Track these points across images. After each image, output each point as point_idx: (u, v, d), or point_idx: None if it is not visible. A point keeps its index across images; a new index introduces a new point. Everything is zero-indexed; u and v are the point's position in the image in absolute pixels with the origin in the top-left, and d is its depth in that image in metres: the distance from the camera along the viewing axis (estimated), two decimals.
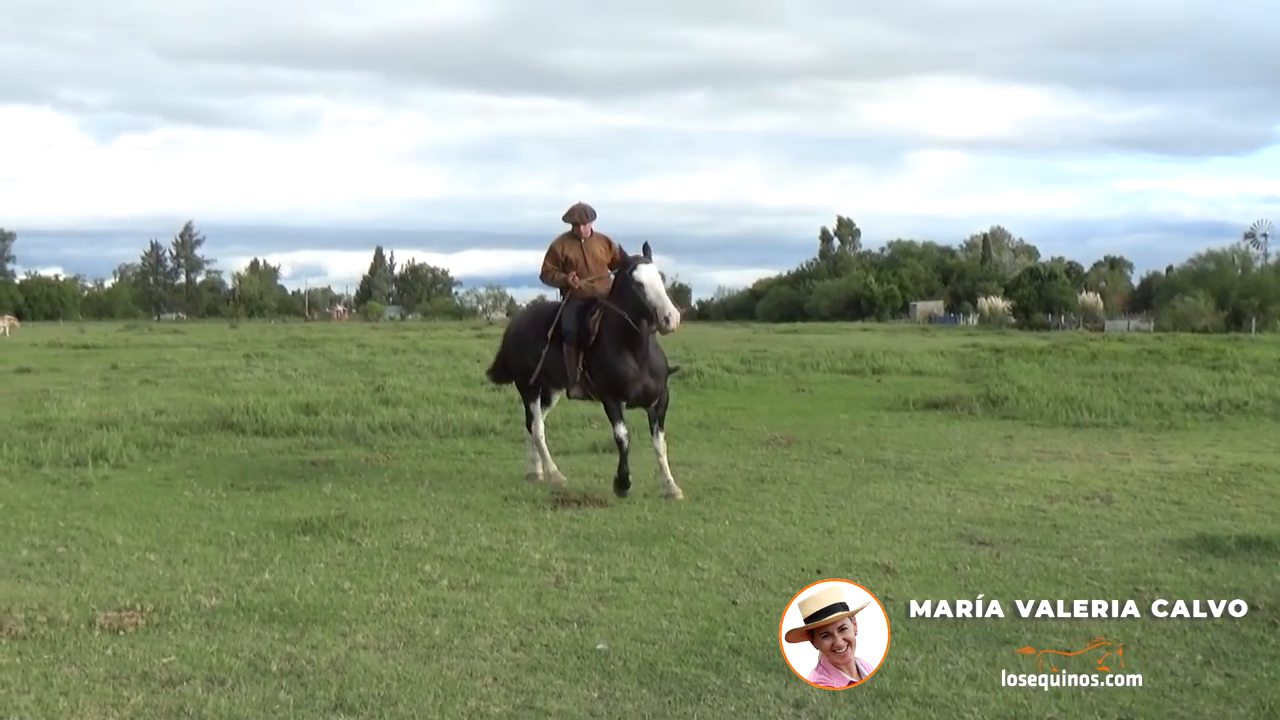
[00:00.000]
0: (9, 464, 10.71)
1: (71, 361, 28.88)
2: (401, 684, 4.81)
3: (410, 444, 12.33)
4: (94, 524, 8.09)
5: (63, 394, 18.09)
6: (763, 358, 25.98)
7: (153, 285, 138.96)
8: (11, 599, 6.08)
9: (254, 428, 13.20)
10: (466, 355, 27.84)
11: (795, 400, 18.51)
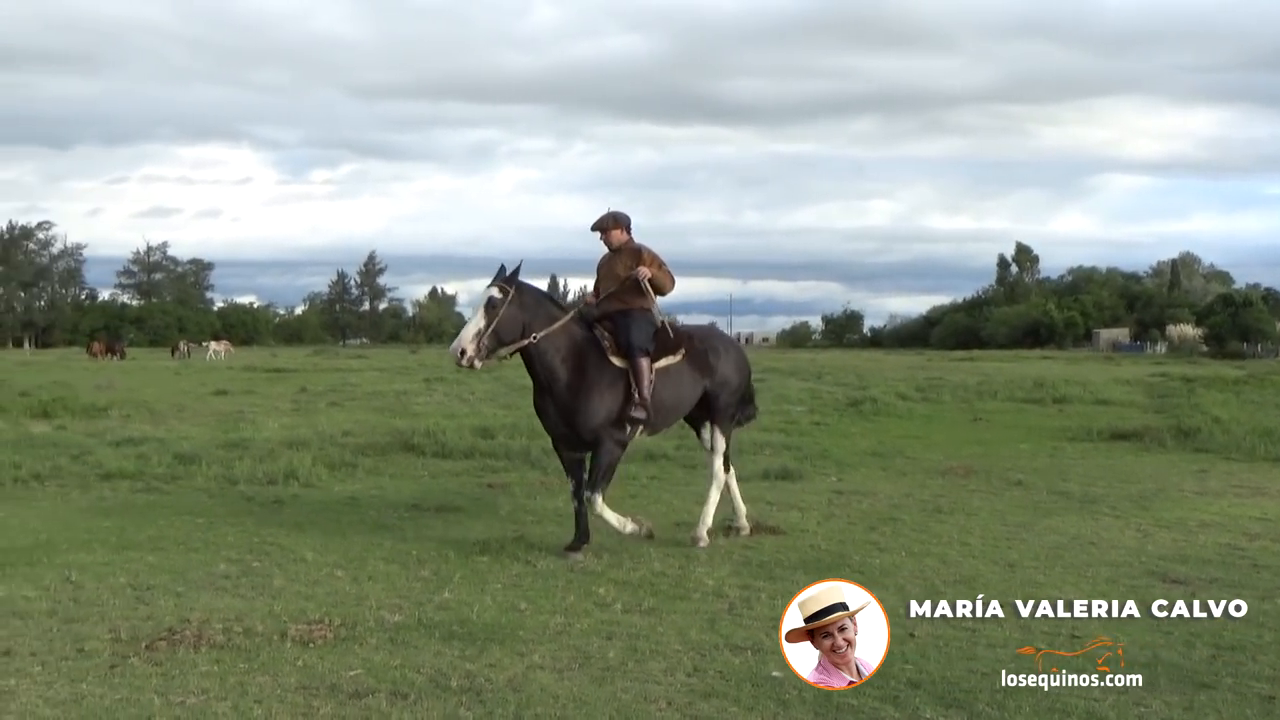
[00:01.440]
0: (208, 481, 11.28)
1: (265, 384, 30.28)
2: (577, 705, 4.86)
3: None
4: (285, 540, 8.43)
5: (256, 415, 18.98)
6: (938, 385, 25.47)
7: (339, 312, 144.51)
8: (210, 610, 6.38)
9: (434, 450, 13.56)
10: None
11: (972, 429, 18.06)
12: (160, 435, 15.12)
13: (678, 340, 8.67)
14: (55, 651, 5.64)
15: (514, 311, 8.05)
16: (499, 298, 8.02)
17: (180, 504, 10.10)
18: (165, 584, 7.05)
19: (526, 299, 8.18)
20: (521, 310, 8.09)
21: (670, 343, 8.59)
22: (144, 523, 9.11)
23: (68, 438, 15.10)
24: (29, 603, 6.59)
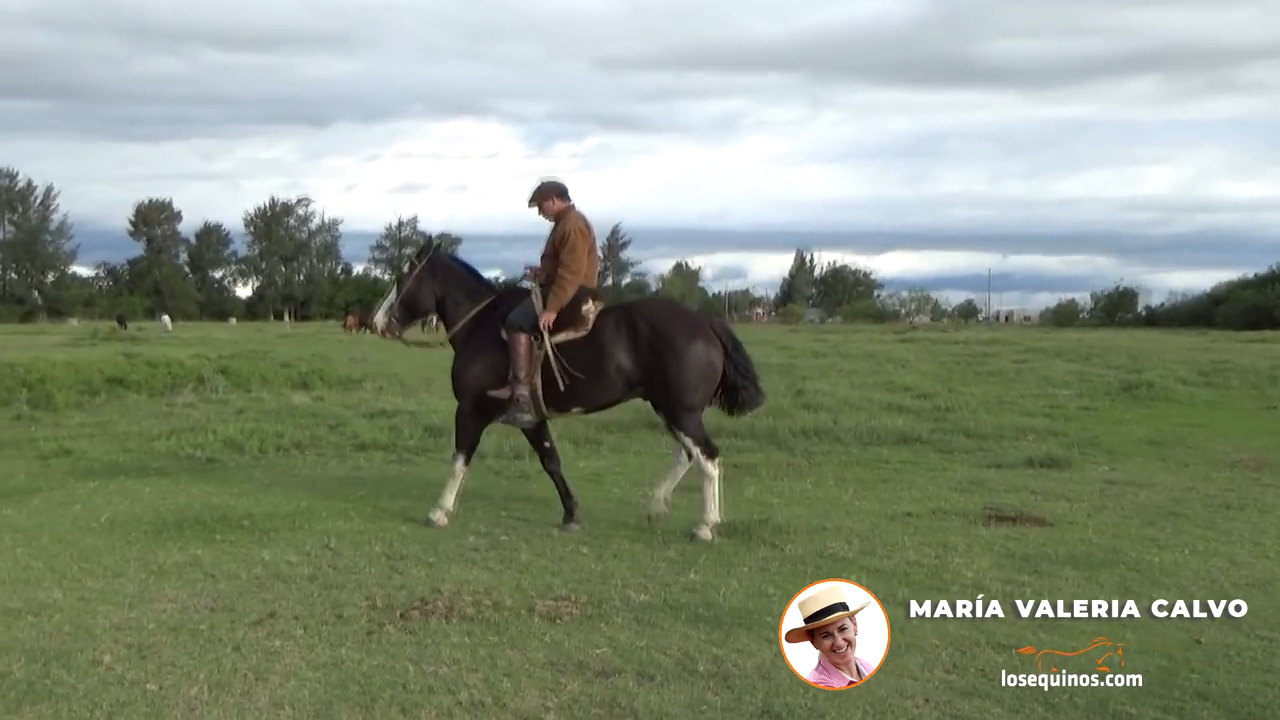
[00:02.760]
0: None
1: None
2: (829, 697, 4.81)
3: (832, 450, 12.37)
4: (532, 515, 8.70)
5: None
6: (1224, 369, 23.97)
7: None
8: (460, 582, 6.65)
9: None
10: (890, 360, 27.62)
11: (1265, 418, 16.90)
12: (411, 408, 15.86)
13: (577, 315, 8.42)
14: (316, 616, 6.00)
15: (424, 284, 8.89)
16: (406, 272, 9.06)
17: (430, 476, 10.56)
18: (417, 554, 7.39)
19: (438, 273, 8.91)
20: (433, 283, 8.88)
21: (571, 319, 8.42)
22: (397, 493, 9.59)
23: (325, 408, 16.05)
24: (291, 567, 7.04)
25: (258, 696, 4.82)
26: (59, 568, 7.04)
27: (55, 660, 5.26)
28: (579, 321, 8.43)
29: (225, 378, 20.37)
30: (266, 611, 6.07)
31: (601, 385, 8.43)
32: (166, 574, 6.89)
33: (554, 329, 8.38)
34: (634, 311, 8.56)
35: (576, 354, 8.36)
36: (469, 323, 8.77)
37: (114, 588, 6.58)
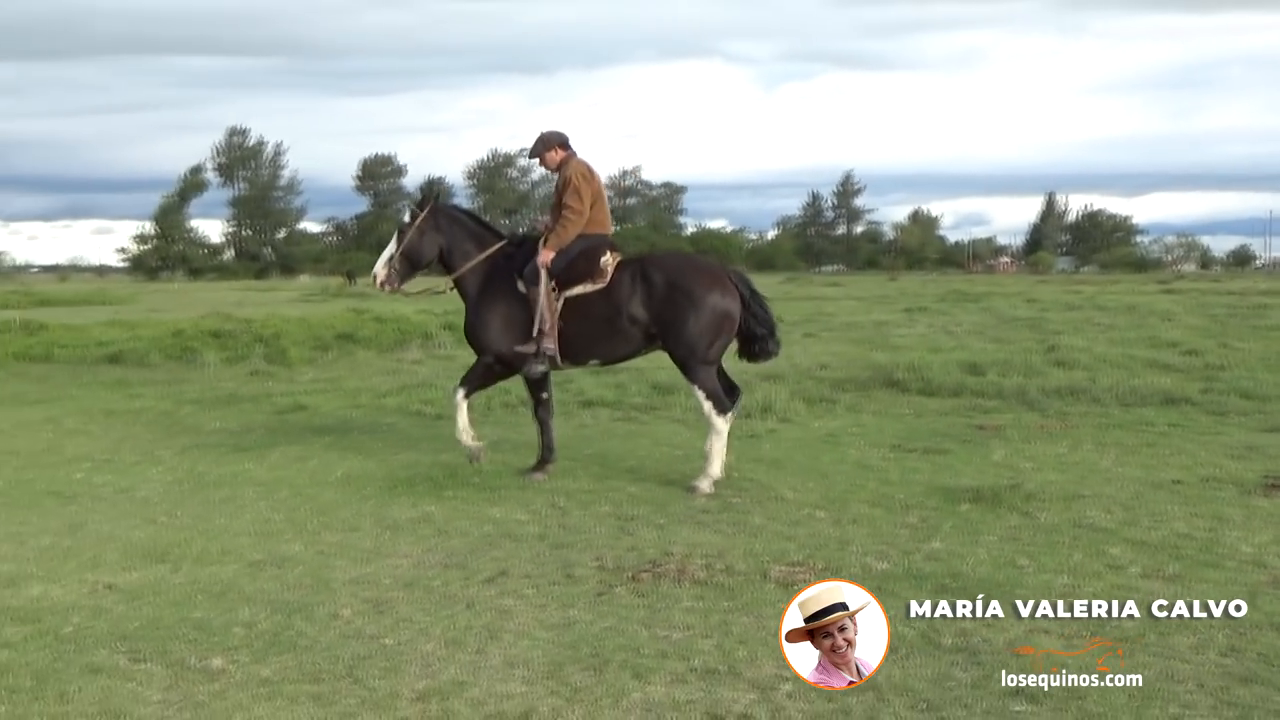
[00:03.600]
0: (684, 413, 11.88)
1: None
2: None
3: (1089, 411, 11.92)
4: (764, 477, 8.71)
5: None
6: None
7: (812, 237, 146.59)
8: (691, 544, 6.74)
9: (918, 386, 13.47)
10: (1153, 313, 26.40)
11: None
12: (637, 364, 16.06)
13: (594, 267, 8.66)
14: (546, 575, 6.18)
15: (426, 235, 9.04)
16: (407, 222, 9.12)
17: (658, 434, 10.72)
18: (646, 515, 7.52)
19: (441, 222, 9.09)
20: (436, 233, 9.05)
21: (588, 271, 8.65)
22: (624, 452, 9.76)
23: None
24: (520, 526, 7.27)
25: (491, 655, 5.00)
26: (298, 521, 7.47)
27: (297, 612, 5.59)
28: (597, 274, 8.67)
29: (450, 333, 21.08)
30: (498, 570, 6.29)
31: (618, 338, 8.70)
32: (400, 530, 7.22)
33: (571, 282, 8.66)
34: (648, 264, 8.75)
35: (593, 306, 8.63)
36: (481, 271, 9.01)
37: (350, 542, 6.94)
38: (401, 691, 4.62)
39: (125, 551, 6.75)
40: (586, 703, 4.52)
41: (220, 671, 4.85)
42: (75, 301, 41.57)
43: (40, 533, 7.24)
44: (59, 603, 5.80)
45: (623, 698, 4.56)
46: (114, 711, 4.46)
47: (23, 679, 4.79)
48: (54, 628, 5.40)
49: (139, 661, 4.98)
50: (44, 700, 4.58)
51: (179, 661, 4.96)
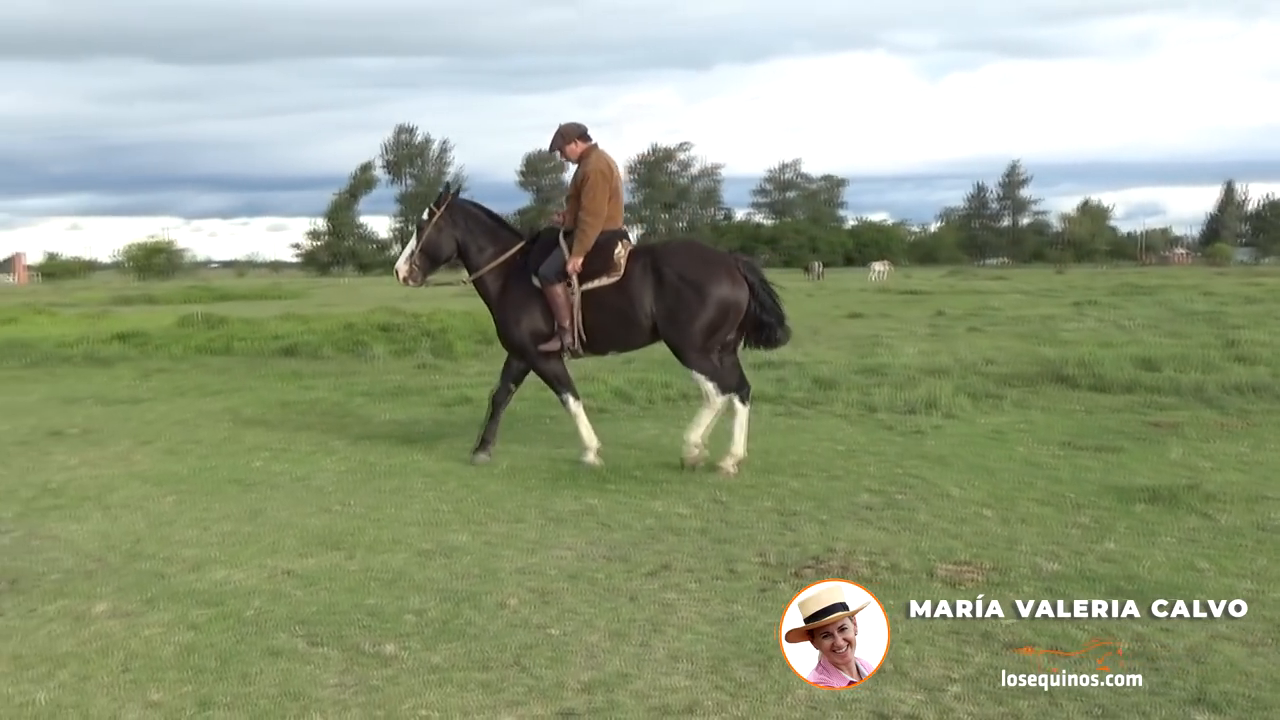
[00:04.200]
0: (847, 408, 11.76)
1: (899, 307, 31.01)
2: (1274, 686, 4.48)
3: (1273, 409, 11.41)
4: (928, 473, 8.57)
5: (893, 340, 19.46)
6: None
7: (976, 229, 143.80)
8: (854, 541, 6.67)
9: (1088, 382, 13.09)
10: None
11: None
12: (798, 359, 15.97)
13: (609, 261, 8.87)
14: (708, 569, 6.19)
15: (445, 232, 9.28)
16: (425, 219, 9.34)
17: (820, 429, 10.63)
18: (809, 511, 7.47)
19: (458, 219, 9.31)
20: (454, 230, 9.28)
21: (603, 265, 8.86)
22: (786, 447, 9.70)
23: None
24: (682, 520, 7.29)
25: (655, 648, 5.03)
26: (465, 512, 7.62)
27: (465, 601, 5.71)
28: (612, 267, 8.88)
29: None
30: (660, 563, 6.32)
31: (634, 328, 8.96)
32: (563, 522, 7.32)
33: (587, 276, 8.87)
34: (659, 257, 8.94)
35: (609, 299, 8.88)
36: (501, 271, 9.25)
37: (515, 533, 7.05)
38: (567, 682, 4.67)
39: (302, 538, 6.98)
40: (751, 698, 4.51)
41: (393, 657, 4.98)
42: (251, 296, 43.21)
43: (222, 519, 7.53)
44: (241, 587, 6.03)
45: (787, 694, 4.54)
46: (293, 693, 4.62)
47: (208, 659, 4.99)
48: (236, 611, 5.61)
49: (316, 645, 5.14)
50: (228, 681, 4.76)
51: (354, 646, 5.11)
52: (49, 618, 5.58)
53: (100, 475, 8.98)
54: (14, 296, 53.47)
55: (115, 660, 4.99)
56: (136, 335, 21.36)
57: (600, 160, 9.00)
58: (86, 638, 5.29)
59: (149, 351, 19.75)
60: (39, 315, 30.60)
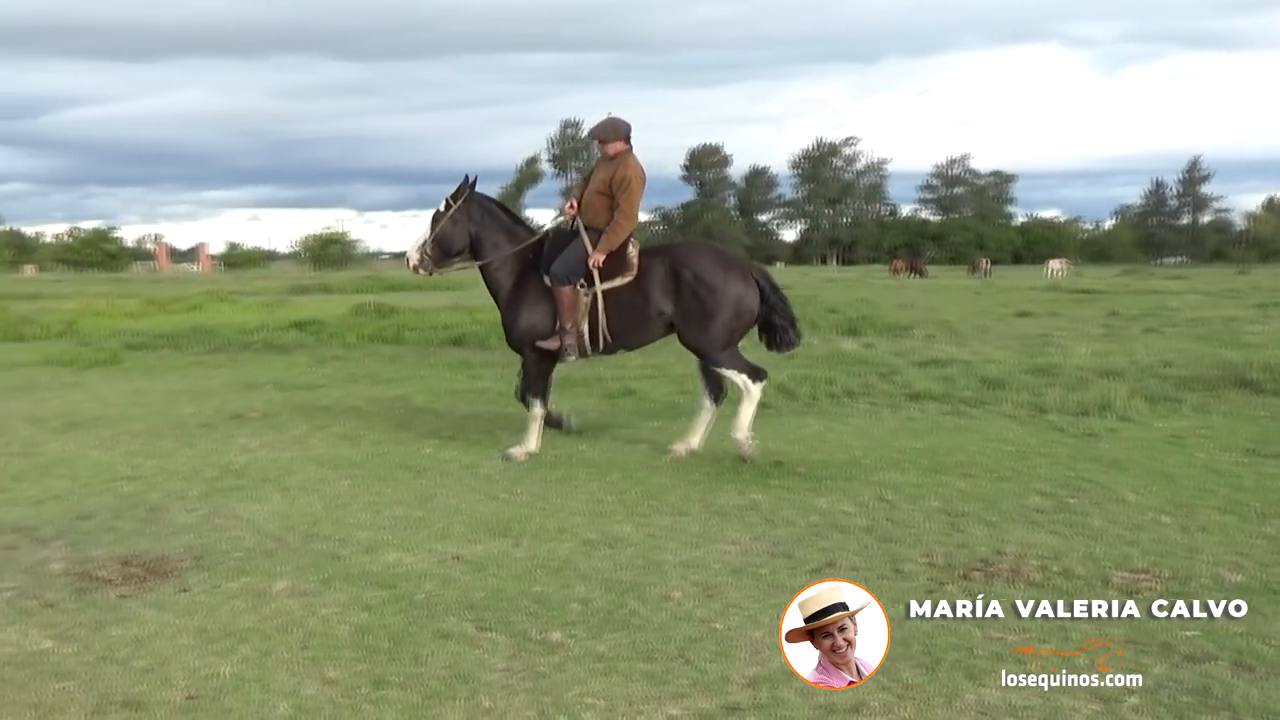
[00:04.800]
0: (1016, 408, 11.48)
1: (1070, 306, 30.14)
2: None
3: None
4: (1102, 477, 8.31)
5: (1064, 340, 18.92)
6: None
7: (1153, 226, 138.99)
8: (1025, 545, 6.51)
9: (1274, 387, 12.50)
10: None
11: None
12: (965, 357, 15.67)
13: (627, 260, 9.03)
14: (873, 569, 6.11)
15: (460, 225, 9.26)
16: (442, 210, 9.29)
17: (988, 429, 10.40)
18: (977, 512, 7.32)
19: (474, 212, 9.28)
20: (469, 223, 9.26)
21: (621, 265, 9.01)
22: (953, 447, 9.52)
23: (875, 355, 16.22)
24: (847, 517, 7.22)
25: None
26: (629, 503, 7.68)
27: (630, 592, 5.75)
28: (627, 268, 9.04)
29: None
30: (824, 560, 6.27)
31: (645, 328, 9.17)
32: (727, 516, 7.31)
33: (605, 276, 9.00)
34: (674, 258, 9.11)
35: (624, 299, 9.03)
36: (514, 267, 9.30)
37: (679, 525, 7.08)
38: (732, 676, 4.67)
39: (471, 524, 7.13)
40: (918, 700, 4.45)
41: (559, 645, 5.05)
42: (421, 287, 44.15)
43: (394, 503, 7.73)
44: (412, 570, 6.18)
45: (956, 698, 4.46)
46: (463, 676, 4.71)
47: (381, 640, 5.13)
48: (408, 593, 5.76)
49: (485, 630, 5.24)
50: (400, 662, 4.89)
51: (521, 633, 5.19)
52: (232, 594, 5.80)
53: (279, 458, 9.30)
54: (198, 285, 55.77)
55: (294, 637, 5.17)
56: (312, 323, 22.07)
57: (639, 166, 9.15)
58: (267, 614, 5.49)
59: (324, 339, 20.38)
60: (221, 303, 31.87)
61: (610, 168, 9.10)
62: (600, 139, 9.18)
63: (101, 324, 23.82)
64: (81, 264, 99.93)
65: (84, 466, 8.99)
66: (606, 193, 9.06)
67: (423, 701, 4.49)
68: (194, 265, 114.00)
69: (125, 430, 10.71)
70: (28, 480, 8.54)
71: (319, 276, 67.18)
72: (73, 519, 7.32)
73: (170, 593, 5.82)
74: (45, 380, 15.01)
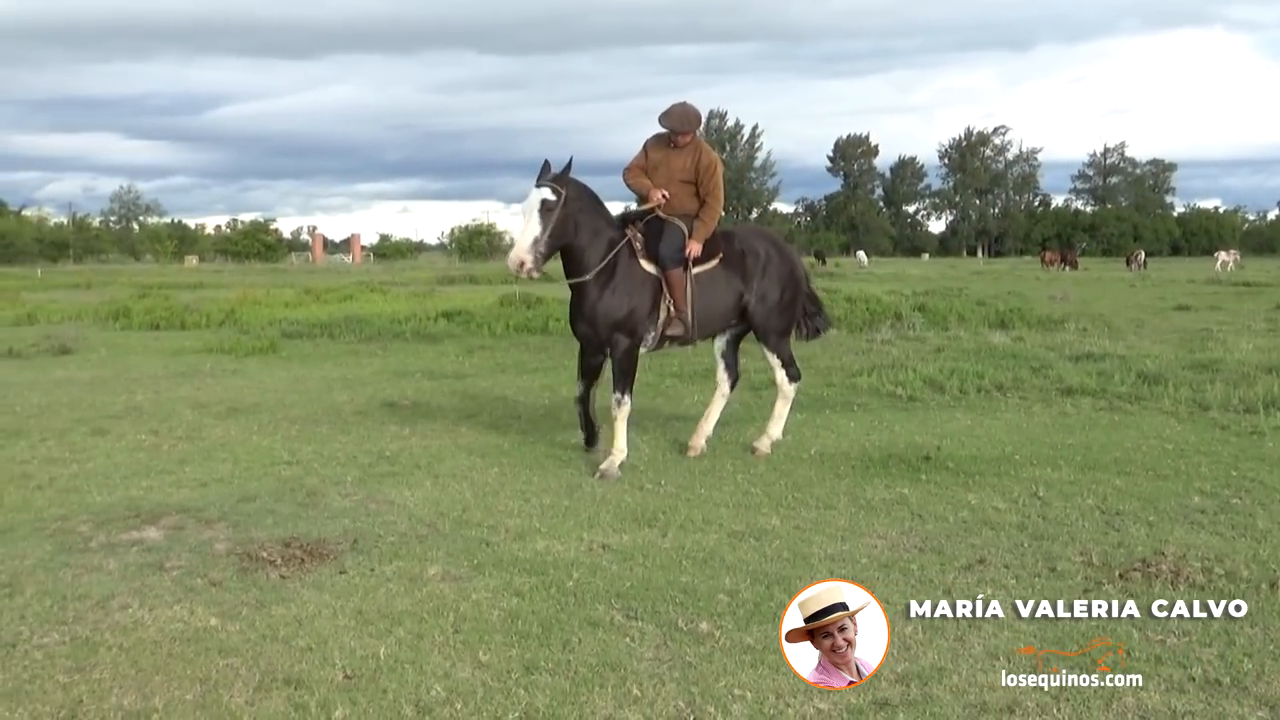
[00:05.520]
0: (1176, 405, 11.12)
1: (1232, 300, 29.13)
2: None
3: None
4: (1268, 477, 8.02)
5: (1225, 334, 18.28)
6: None
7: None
8: (1186, 546, 6.30)
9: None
10: None
11: None
12: (1120, 352, 15.25)
13: (714, 245, 8.82)
14: (1027, 567, 5.99)
15: (569, 213, 8.26)
16: (553, 200, 8.16)
17: (1146, 426, 10.10)
18: (1135, 511, 7.12)
19: (584, 200, 8.42)
20: (579, 212, 8.34)
21: (711, 250, 8.78)
22: (1109, 443, 9.28)
23: (1025, 349, 15.88)
24: (999, 514, 7.09)
25: (971, 643, 4.91)
26: (775, 495, 7.65)
27: (777, 584, 5.73)
28: (712, 253, 8.83)
29: (922, 315, 20.88)
30: (975, 557, 6.17)
31: (729, 312, 9.03)
32: (875, 510, 7.24)
33: (698, 261, 8.75)
34: (746, 241, 9.11)
35: (714, 283, 8.84)
36: (604, 252, 8.53)
37: (825, 519, 7.03)
38: (882, 672, 4.62)
39: (618, 514, 7.19)
40: (1074, 701, 4.35)
41: (707, 635, 5.06)
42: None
43: (542, 491, 7.84)
44: (561, 558, 6.25)
45: (1114, 700, 4.35)
46: (612, 664, 4.76)
47: (531, 625, 5.21)
48: (558, 581, 5.83)
49: (633, 619, 5.28)
50: (550, 647, 4.95)
51: (669, 622, 5.22)
52: (387, 577, 5.95)
53: (430, 445, 9.50)
54: (351, 276, 57.27)
55: (447, 621, 5.28)
56: (460, 314, 22.48)
57: (715, 154, 8.98)
58: (421, 598, 5.62)
59: (472, 329, 20.75)
60: (373, 293, 32.63)
61: (686, 156, 8.74)
62: (676, 129, 8.71)
63: (260, 313, 24.60)
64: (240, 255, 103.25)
65: (245, 451, 9.31)
66: (691, 181, 8.76)
67: (572, 687, 4.54)
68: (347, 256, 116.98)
69: (283, 416, 11.05)
70: (192, 463, 8.87)
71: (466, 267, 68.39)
72: (236, 501, 7.58)
73: (329, 574, 5.99)
74: (208, 367, 15.60)
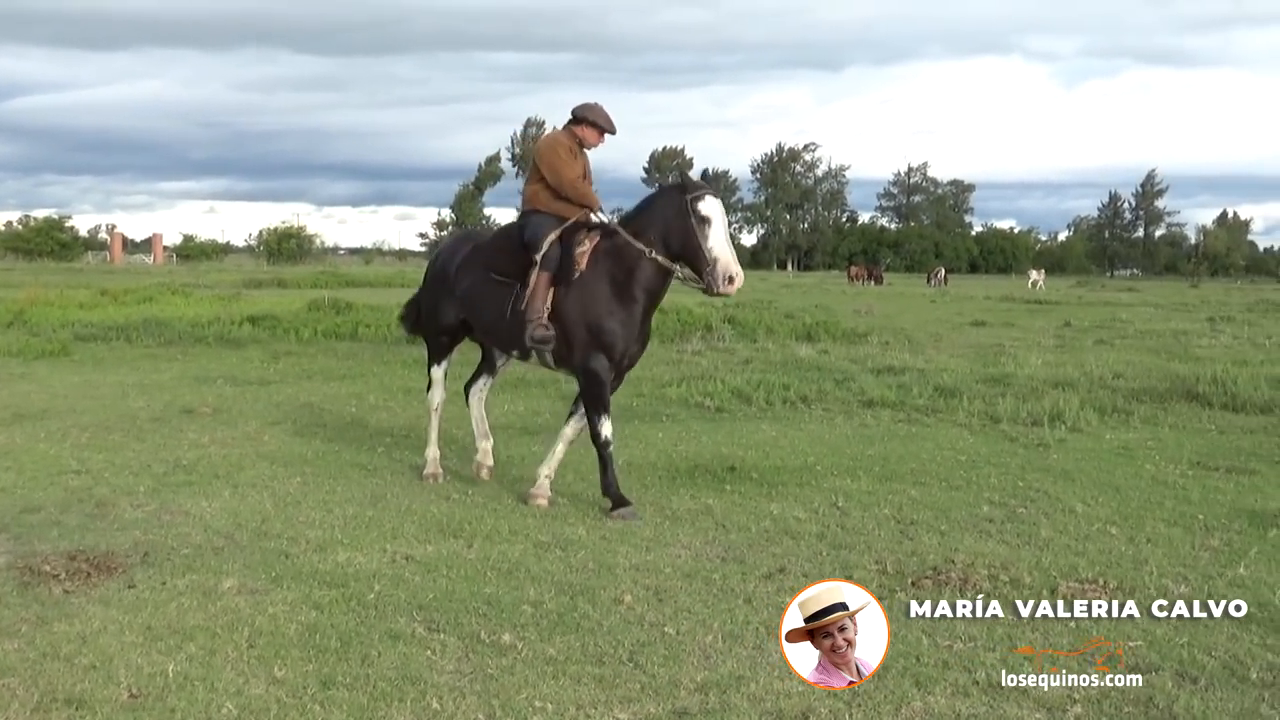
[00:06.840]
0: (969, 417, 11.58)
1: (1024, 317, 30.45)
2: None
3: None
4: (1051, 487, 8.40)
5: (1017, 350, 19.10)
6: None
7: (1107, 239, 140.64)
8: (975, 554, 6.55)
9: (1222, 401, 12.69)
10: None
11: None
12: (919, 365, 15.78)
13: None
14: (824, 575, 6.12)
15: None
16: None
17: (941, 438, 10.48)
18: (928, 520, 7.38)
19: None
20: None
21: None
22: (906, 454, 9.59)
23: (830, 362, 16.31)
24: (799, 524, 7.25)
25: (770, 651, 5.00)
26: (582, 505, 7.68)
27: (581, 594, 5.75)
28: None
29: (732, 327, 21.20)
30: (776, 566, 6.30)
31: None
32: (680, 520, 7.33)
33: None
34: None
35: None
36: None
37: (632, 529, 7.09)
38: (682, 681, 4.68)
39: (423, 525, 7.10)
40: (866, 708, 4.47)
41: (509, 647, 5.04)
42: (378, 283, 43.91)
43: (345, 501, 7.69)
44: (363, 570, 6.14)
45: (903, 705, 4.49)
46: (412, 677, 4.69)
47: (330, 639, 5.10)
48: (358, 593, 5.72)
49: (435, 631, 5.22)
50: (349, 662, 4.86)
51: (471, 634, 5.18)
52: (179, 591, 5.75)
53: (230, 454, 9.23)
54: (151, 276, 55.12)
55: (242, 636, 5.13)
56: (267, 318, 21.86)
57: None
58: (214, 612, 5.44)
59: (278, 334, 20.23)
60: (174, 295, 31.47)
61: (586, 159, 8.37)
62: (609, 131, 8.27)
63: (51, 314, 23.45)
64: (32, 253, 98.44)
65: (30, 459, 8.88)
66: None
67: (371, 702, 4.46)
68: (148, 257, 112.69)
69: (73, 423, 10.58)
70: None
71: (275, 270, 66.66)
72: (18, 512, 7.23)
73: (116, 589, 5.75)
74: None
